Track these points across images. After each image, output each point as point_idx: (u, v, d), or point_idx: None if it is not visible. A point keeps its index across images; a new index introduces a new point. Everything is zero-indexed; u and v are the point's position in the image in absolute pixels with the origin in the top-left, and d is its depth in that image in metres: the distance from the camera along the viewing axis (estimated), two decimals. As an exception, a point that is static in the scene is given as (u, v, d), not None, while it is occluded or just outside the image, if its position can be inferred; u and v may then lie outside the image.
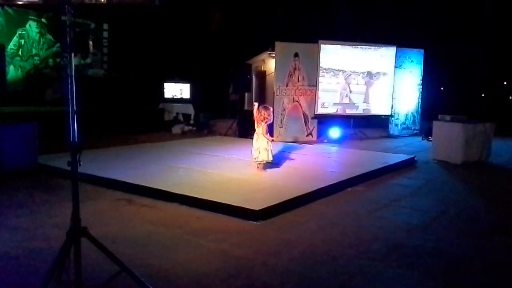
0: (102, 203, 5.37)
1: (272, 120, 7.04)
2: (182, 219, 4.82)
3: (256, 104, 7.01)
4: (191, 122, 13.75)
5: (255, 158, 6.91)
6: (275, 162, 7.27)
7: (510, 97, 20.90)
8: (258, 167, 6.95)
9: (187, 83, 14.21)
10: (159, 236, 4.26)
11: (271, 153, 6.92)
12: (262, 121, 6.81)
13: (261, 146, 6.80)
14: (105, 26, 14.72)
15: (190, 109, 14.01)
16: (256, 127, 6.93)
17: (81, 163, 2.92)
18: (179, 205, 5.27)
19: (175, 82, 14.28)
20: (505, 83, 20.63)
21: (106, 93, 13.11)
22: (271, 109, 7.06)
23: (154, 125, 12.91)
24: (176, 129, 12.92)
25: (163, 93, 14.15)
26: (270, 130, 7.47)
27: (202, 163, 7.54)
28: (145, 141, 10.33)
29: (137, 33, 13.88)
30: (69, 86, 2.89)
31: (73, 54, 2.88)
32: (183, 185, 5.81)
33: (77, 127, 2.89)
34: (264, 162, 6.86)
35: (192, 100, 14.22)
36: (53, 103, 12.05)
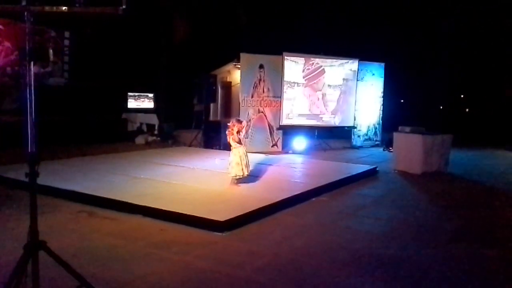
0: (61, 216, 5.20)
1: (244, 132, 6.95)
2: (145, 231, 4.74)
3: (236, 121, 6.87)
4: (155, 132, 13.59)
5: (229, 173, 6.72)
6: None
7: (467, 110, 21.82)
8: (232, 182, 6.68)
9: (151, 93, 14.05)
10: (121, 249, 4.16)
11: (247, 167, 6.70)
12: (232, 133, 6.64)
13: (233, 160, 6.62)
14: (67, 34, 14.38)
15: (154, 119, 13.84)
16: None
17: (39, 174, 2.82)
18: (142, 217, 5.17)
19: (139, 92, 14.09)
20: (462, 96, 21.53)
21: (67, 103, 12.75)
22: (244, 121, 7.02)
23: (117, 135, 12.67)
24: (140, 139, 12.72)
25: (126, 103, 13.93)
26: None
27: (166, 174, 7.44)
28: (108, 151, 10.11)
29: (100, 41, 13.61)
30: (28, 95, 2.80)
31: (32, 63, 2.80)
32: (147, 197, 5.71)
33: (35, 137, 2.80)
34: (238, 177, 6.65)
35: (156, 110, 14.06)
36: (11, 112, 11.63)
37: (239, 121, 6.85)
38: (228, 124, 6.87)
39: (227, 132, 6.79)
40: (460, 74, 17.87)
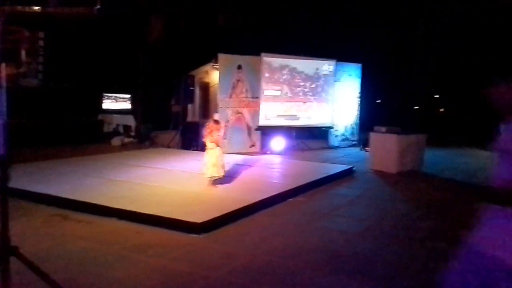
0: (34, 220, 5.10)
1: (221, 133, 6.96)
2: (121, 234, 4.68)
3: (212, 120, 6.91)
4: (132, 133, 13.44)
5: (205, 174, 6.73)
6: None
7: (441, 110, 22.26)
8: (208, 183, 6.71)
9: (128, 93, 13.91)
10: (96, 253, 4.11)
11: (223, 168, 6.73)
12: (209, 134, 6.65)
13: (209, 161, 6.63)
14: (41, 34, 14.09)
15: (130, 120, 13.70)
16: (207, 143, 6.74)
17: (11, 177, 2.76)
18: (117, 220, 5.11)
19: (115, 93, 13.93)
20: (436, 96, 21.93)
21: (42, 104, 12.51)
22: (222, 122, 7.00)
23: (92, 136, 12.50)
24: (116, 141, 12.55)
25: (102, 104, 13.74)
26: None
27: (143, 175, 7.37)
28: (83, 153, 9.95)
29: (75, 42, 13.39)
30: (0, 97, 2.74)
31: (4, 64, 2.74)
32: (122, 199, 5.64)
33: (7, 139, 2.74)
34: (214, 178, 6.66)
35: (133, 111, 13.92)
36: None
37: (217, 122, 6.83)
38: (206, 124, 6.86)
39: (204, 132, 6.78)
40: (435, 75, 18.20)
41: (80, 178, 6.98)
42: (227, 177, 7.38)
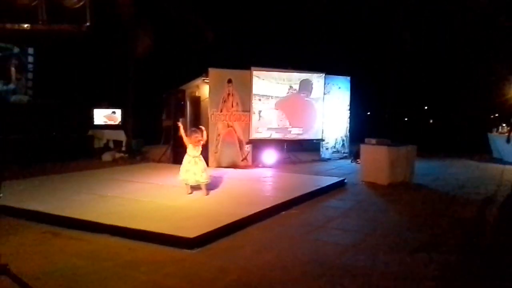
0: (25, 238, 5.03)
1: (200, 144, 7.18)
2: (113, 251, 4.64)
3: (180, 125, 7.49)
4: (123, 149, 13.36)
5: (204, 179, 7.01)
6: (211, 187, 7.30)
7: (431, 121, 22.48)
8: (207, 193, 7.05)
9: (118, 108, 13.87)
10: (88, 270, 4.06)
11: (202, 175, 7.08)
12: (198, 142, 6.99)
13: (203, 166, 7.01)
14: (30, 50, 14.08)
15: (121, 136, 13.63)
16: (189, 151, 7.02)
17: (1, 194, 2.74)
18: (109, 237, 5.06)
19: (106, 108, 13.89)
20: (425, 107, 22.17)
21: (31, 120, 12.42)
22: (202, 128, 7.25)
23: (83, 152, 12.41)
24: (107, 157, 12.47)
25: (92, 119, 13.69)
26: (205, 155, 7.60)
27: (134, 191, 7.33)
28: (73, 169, 9.87)
29: (64, 57, 13.37)
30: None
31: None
32: (114, 215, 5.60)
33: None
34: (188, 183, 7.06)
35: (124, 126, 13.87)
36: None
37: (199, 129, 7.13)
38: (196, 129, 7.12)
39: (196, 140, 7.00)
40: (424, 86, 18.42)
41: (72, 195, 6.91)
42: (219, 191, 7.39)
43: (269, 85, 11.84)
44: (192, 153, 6.98)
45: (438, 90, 18.75)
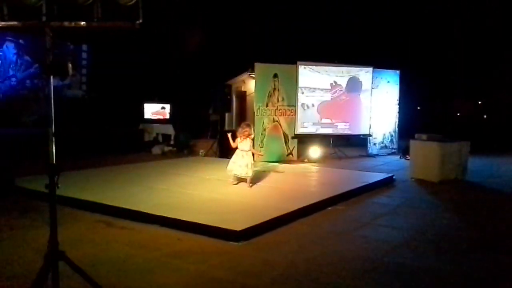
0: (80, 226, 5.28)
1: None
2: (162, 241, 4.77)
3: (229, 135, 7.60)
4: (171, 142, 13.69)
5: (245, 174, 7.09)
6: (256, 181, 7.38)
7: (485, 116, 21.50)
8: (250, 185, 7.14)
9: (167, 103, 14.21)
10: (138, 259, 4.20)
11: (248, 169, 7.15)
12: (247, 136, 7.11)
13: (249, 162, 7.07)
14: (84, 47, 14.69)
15: (170, 130, 13.97)
16: (238, 144, 7.14)
17: (59, 185, 2.87)
18: (159, 227, 5.21)
19: (155, 103, 14.28)
20: (479, 102, 21.23)
21: (85, 114, 13.00)
22: (249, 123, 7.44)
23: (133, 146, 12.81)
24: (156, 150, 12.84)
25: (143, 114, 14.11)
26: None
27: (182, 184, 7.49)
28: (125, 162, 10.21)
29: (117, 53, 13.86)
30: (48, 108, 2.87)
31: (52, 77, 2.87)
32: (163, 207, 5.75)
33: (55, 148, 2.86)
34: (237, 176, 7.18)
35: (172, 120, 14.20)
36: (30, 124, 11.88)
37: (248, 124, 7.33)
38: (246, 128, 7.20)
39: (245, 134, 7.13)
40: (477, 81, 17.64)
41: (123, 186, 7.17)
42: (265, 185, 7.43)
43: (315, 80, 11.72)
44: (241, 146, 7.09)
45: (492, 85, 17.90)
